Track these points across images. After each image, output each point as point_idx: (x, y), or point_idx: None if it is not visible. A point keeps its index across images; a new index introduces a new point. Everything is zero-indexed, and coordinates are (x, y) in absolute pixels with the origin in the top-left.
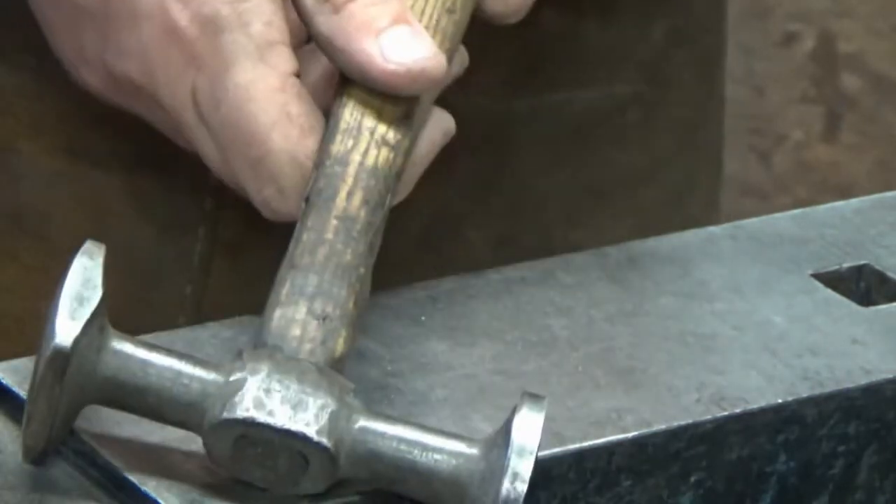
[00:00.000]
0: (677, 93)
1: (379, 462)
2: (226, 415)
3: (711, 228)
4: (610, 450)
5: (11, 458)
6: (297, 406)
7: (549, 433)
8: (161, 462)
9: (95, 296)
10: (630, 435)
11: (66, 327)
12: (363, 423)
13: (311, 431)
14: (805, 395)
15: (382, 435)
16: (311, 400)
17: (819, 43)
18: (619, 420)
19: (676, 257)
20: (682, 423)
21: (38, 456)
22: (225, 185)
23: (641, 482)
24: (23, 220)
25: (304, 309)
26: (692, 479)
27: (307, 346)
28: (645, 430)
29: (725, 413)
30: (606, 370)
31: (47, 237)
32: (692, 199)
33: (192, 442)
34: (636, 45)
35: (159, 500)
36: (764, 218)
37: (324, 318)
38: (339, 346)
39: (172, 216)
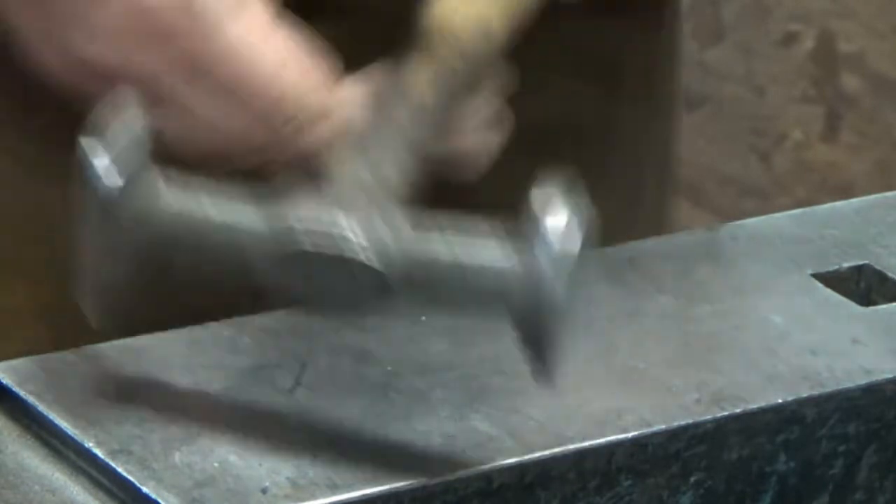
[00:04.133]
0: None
1: (427, 269)
2: (273, 246)
3: (711, 228)
4: (610, 450)
5: (11, 458)
6: (339, 225)
7: (550, 433)
8: (161, 462)
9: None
10: (630, 435)
11: (107, 167)
12: (408, 233)
13: (355, 245)
14: (805, 395)
15: (427, 242)
16: (353, 218)
17: (819, 43)
18: (618, 420)
19: (676, 257)
20: (682, 423)
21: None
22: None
23: (641, 482)
24: None
25: (360, 161)
26: (692, 479)
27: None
28: (645, 430)
29: (725, 413)
30: (606, 370)
31: None
32: (640, 209)
33: (193, 440)
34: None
35: (159, 500)
36: (764, 218)
37: (376, 165)
38: (392, 177)
39: None
